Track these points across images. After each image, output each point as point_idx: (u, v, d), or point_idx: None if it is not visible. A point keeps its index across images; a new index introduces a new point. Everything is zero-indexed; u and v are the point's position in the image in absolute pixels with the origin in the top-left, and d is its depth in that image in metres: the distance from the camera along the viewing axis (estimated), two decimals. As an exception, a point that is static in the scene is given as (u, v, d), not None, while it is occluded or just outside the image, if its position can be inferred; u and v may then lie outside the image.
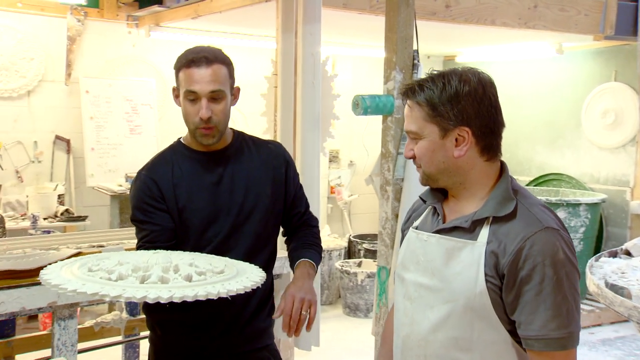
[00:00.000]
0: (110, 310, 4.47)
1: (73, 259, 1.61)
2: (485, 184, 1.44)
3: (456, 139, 1.40)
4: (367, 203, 6.55)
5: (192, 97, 1.72)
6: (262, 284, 1.56)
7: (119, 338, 3.61)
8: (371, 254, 5.73)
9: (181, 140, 1.88)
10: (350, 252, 6.11)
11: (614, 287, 2.45)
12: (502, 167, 1.46)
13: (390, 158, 2.37)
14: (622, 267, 2.67)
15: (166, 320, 1.85)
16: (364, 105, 2.29)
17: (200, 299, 1.37)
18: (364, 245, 5.87)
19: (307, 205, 2.02)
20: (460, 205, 1.46)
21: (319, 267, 1.89)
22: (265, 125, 3.65)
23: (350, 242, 6.11)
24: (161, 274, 1.45)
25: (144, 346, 3.83)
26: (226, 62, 1.77)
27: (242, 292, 1.44)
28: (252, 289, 1.50)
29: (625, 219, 5.51)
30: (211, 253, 1.73)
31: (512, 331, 1.39)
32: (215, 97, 1.73)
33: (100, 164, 5.14)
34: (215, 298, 1.38)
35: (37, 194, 4.86)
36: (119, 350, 3.68)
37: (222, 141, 1.83)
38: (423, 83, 1.42)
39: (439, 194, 1.52)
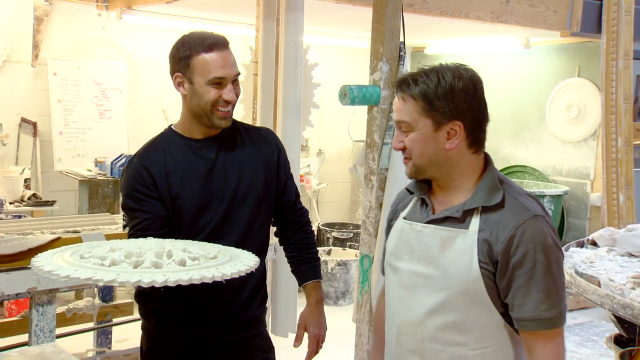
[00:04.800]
0: (79, 297, 4.41)
1: (64, 247, 1.58)
2: (472, 175, 1.50)
3: (448, 132, 1.46)
4: (336, 192, 6.60)
5: (219, 81, 1.73)
6: (254, 271, 1.55)
7: (91, 324, 3.58)
8: (340, 242, 5.78)
9: (172, 127, 1.86)
10: (319, 240, 6.15)
11: (583, 276, 2.56)
12: (487, 160, 1.53)
13: (375, 148, 2.41)
14: (591, 256, 2.78)
15: (159, 309, 1.84)
16: (352, 95, 2.32)
17: (195, 282, 1.36)
18: (333, 234, 5.92)
19: (298, 195, 2.03)
20: (448, 197, 1.52)
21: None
22: (243, 112, 3.65)
23: (319, 230, 6.15)
24: (154, 260, 1.44)
25: (116, 333, 3.80)
26: None
27: (237, 276, 1.44)
28: (246, 275, 1.50)
29: (585, 211, 5.72)
30: (204, 241, 1.72)
31: (505, 313, 1.46)
32: (235, 79, 1.78)
33: (68, 148, 5.04)
34: (209, 282, 1.38)
35: (2, 177, 4.73)
36: (90, 336, 3.65)
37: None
38: (417, 77, 1.46)
39: (425, 185, 1.57)
